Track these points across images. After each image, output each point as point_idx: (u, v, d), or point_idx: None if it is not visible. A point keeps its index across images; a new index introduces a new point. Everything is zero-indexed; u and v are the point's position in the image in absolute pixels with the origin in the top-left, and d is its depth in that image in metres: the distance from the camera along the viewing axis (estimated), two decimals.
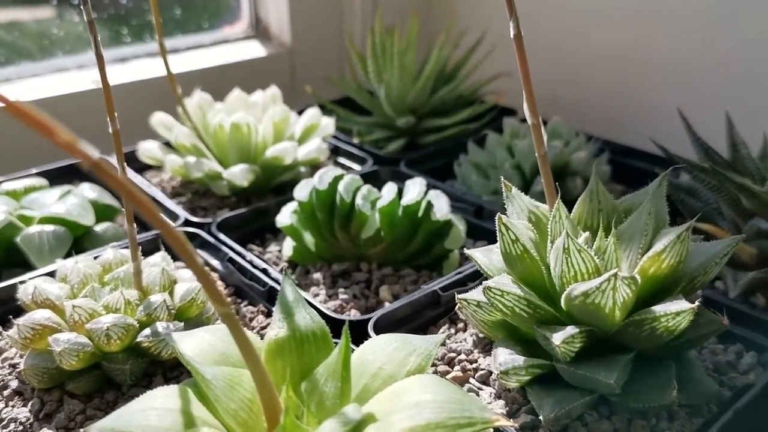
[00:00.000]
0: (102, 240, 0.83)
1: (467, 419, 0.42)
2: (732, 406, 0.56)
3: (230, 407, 0.44)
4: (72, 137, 0.29)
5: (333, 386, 0.46)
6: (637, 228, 0.58)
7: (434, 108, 1.15)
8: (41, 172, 0.96)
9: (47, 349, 0.60)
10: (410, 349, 0.50)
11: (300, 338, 0.49)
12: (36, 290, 0.63)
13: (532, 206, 0.63)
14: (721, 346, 0.67)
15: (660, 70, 1.12)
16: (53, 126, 0.28)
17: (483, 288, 0.57)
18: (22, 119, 0.28)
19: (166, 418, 0.44)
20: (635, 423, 0.57)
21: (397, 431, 0.42)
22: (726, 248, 0.56)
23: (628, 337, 0.55)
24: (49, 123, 0.28)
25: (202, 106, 0.99)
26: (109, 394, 0.62)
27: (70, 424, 0.59)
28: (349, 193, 0.79)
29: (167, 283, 0.66)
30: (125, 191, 0.31)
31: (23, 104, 0.28)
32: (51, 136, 0.28)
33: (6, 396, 0.62)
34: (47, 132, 0.28)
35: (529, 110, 0.58)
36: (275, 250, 0.86)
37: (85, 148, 0.29)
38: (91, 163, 0.29)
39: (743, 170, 0.78)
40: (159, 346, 0.61)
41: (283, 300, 0.51)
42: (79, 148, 0.29)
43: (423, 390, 0.44)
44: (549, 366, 0.57)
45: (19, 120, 0.28)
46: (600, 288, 0.51)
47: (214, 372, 0.44)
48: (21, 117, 0.27)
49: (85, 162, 0.29)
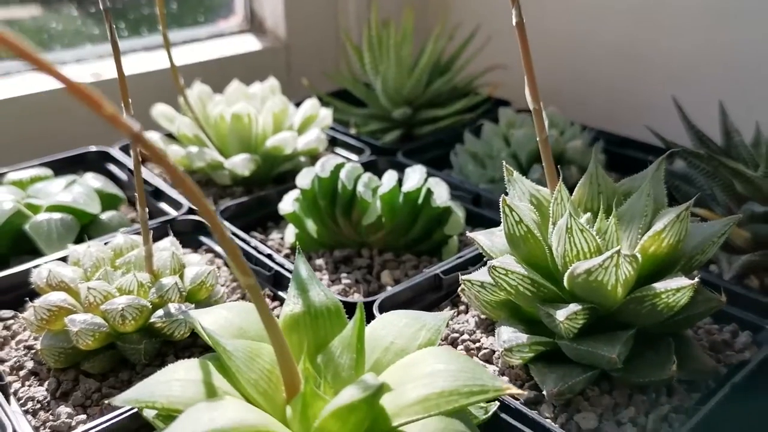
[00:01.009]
0: (108, 228, 0.84)
1: (480, 387, 0.43)
2: (729, 381, 0.58)
3: (251, 377, 0.45)
4: (115, 111, 0.30)
5: (348, 358, 0.47)
6: (636, 209, 0.60)
7: (430, 99, 1.16)
8: (45, 162, 0.97)
9: (63, 329, 0.61)
10: (420, 324, 0.52)
11: (314, 313, 0.51)
12: (51, 273, 0.64)
13: (533, 190, 0.64)
14: (717, 326, 0.69)
15: (656, 64, 1.15)
16: (100, 100, 0.30)
17: (488, 267, 0.59)
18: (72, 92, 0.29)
19: (189, 388, 0.45)
20: (636, 398, 0.59)
21: (412, 399, 0.43)
22: (723, 228, 0.58)
23: (630, 314, 0.57)
24: (97, 97, 0.30)
25: (202, 98, 1.01)
26: (124, 374, 0.63)
27: (87, 402, 0.60)
28: (350, 181, 0.81)
29: (177, 266, 0.67)
30: (162, 161, 0.33)
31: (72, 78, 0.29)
32: (98, 109, 0.29)
33: (22, 376, 0.63)
34: (95, 105, 0.29)
35: (530, 96, 0.60)
36: (277, 238, 0.88)
37: (126, 121, 0.31)
38: (132, 134, 0.31)
39: (737, 157, 0.80)
40: (172, 327, 0.62)
41: (297, 277, 0.52)
42: (121, 120, 0.30)
43: (436, 360, 0.45)
44: (551, 343, 0.59)
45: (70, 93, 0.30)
46: (603, 265, 0.53)
47: (234, 344, 0.46)
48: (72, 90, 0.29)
49: (127, 133, 0.31)
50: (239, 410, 0.41)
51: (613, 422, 0.57)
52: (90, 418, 0.58)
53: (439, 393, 0.43)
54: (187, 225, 0.84)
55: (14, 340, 0.68)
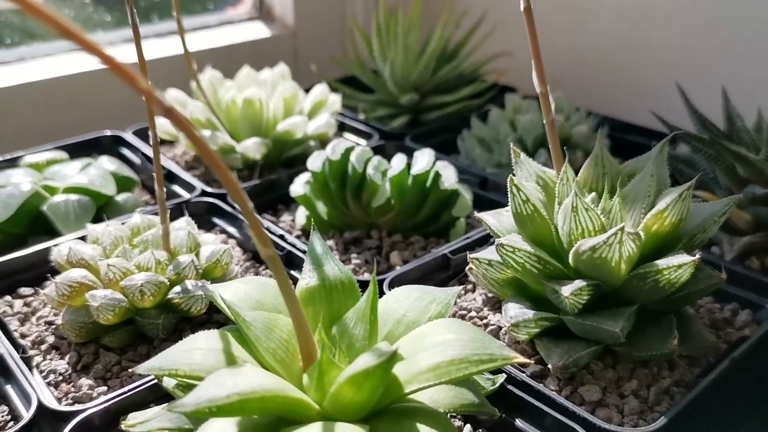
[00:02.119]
0: (123, 209, 0.86)
1: (489, 356, 0.45)
2: (729, 356, 0.60)
3: (269, 346, 0.47)
4: (149, 86, 0.32)
5: (362, 329, 0.49)
6: (640, 189, 0.62)
7: (436, 86, 1.18)
8: (60, 146, 0.99)
9: (84, 305, 0.64)
10: (431, 298, 0.54)
11: (329, 287, 0.52)
12: (71, 251, 0.66)
13: (539, 171, 0.66)
14: (718, 305, 0.71)
15: (657, 51, 1.16)
16: (135, 75, 0.31)
17: (496, 245, 0.61)
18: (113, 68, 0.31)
19: (210, 356, 0.47)
20: (638, 371, 0.61)
21: (424, 367, 0.45)
22: (724, 208, 0.60)
23: (632, 290, 0.59)
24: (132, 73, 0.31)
25: (213, 83, 1.02)
26: (142, 348, 0.65)
27: (107, 375, 0.62)
28: (360, 164, 0.82)
29: (193, 245, 0.69)
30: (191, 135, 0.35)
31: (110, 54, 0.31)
32: (132, 83, 0.31)
33: (44, 350, 0.65)
34: (131, 81, 0.31)
35: (537, 79, 0.62)
36: (288, 220, 0.90)
37: (159, 96, 0.33)
38: (164, 109, 0.33)
39: (739, 141, 0.82)
40: (189, 303, 0.64)
41: (312, 252, 0.54)
42: (155, 95, 0.32)
43: (446, 330, 0.47)
44: (557, 319, 0.61)
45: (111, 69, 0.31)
46: (607, 242, 0.55)
47: (253, 315, 0.48)
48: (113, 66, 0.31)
49: (159, 108, 0.33)
50: (260, 376, 0.43)
51: (616, 395, 0.59)
52: (110, 389, 0.61)
53: (449, 361, 0.45)
54: (201, 207, 0.86)
55: (35, 316, 0.70)
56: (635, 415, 0.56)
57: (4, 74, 1.12)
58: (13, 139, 1.08)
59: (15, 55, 1.18)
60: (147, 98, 0.33)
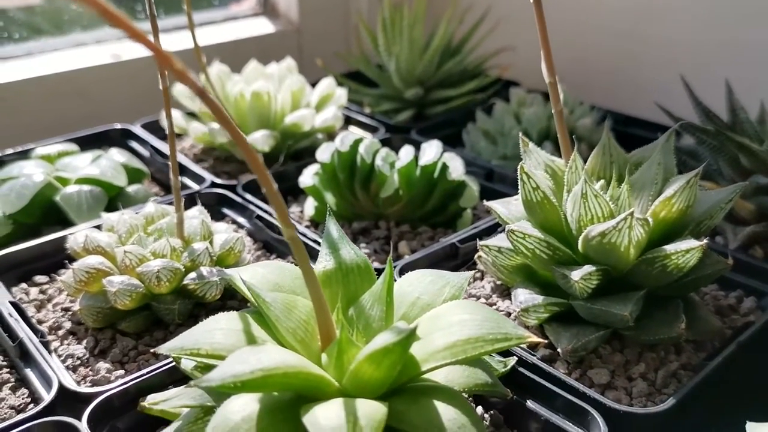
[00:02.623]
0: (134, 200, 0.87)
1: (503, 335, 0.46)
2: (736, 339, 0.61)
3: (289, 326, 0.48)
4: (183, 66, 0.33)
5: (379, 310, 0.51)
6: (647, 177, 0.63)
7: (440, 80, 1.19)
8: (70, 139, 1.00)
9: (101, 291, 0.65)
10: (444, 281, 0.55)
11: (345, 270, 0.54)
12: (88, 238, 0.67)
13: (548, 160, 0.67)
14: (723, 293, 0.72)
15: (660, 47, 1.17)
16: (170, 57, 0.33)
17: (506, 231, 0.62)
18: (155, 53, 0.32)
19: (231, 336, 0.48)
20: (646, 355, 0.62)
21: (441, 346, 0.47)
22: (730, 195, 0.61)
23: (641, 275, 0.60)
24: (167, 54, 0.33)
25: (221, 77, 1.03)
26: (158, 333, 0.66)
27: (124, 359, 0.64)
28: (369, 155, 0.84)
29: (206, 233, 0.70)
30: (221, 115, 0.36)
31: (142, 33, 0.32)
32: (168, 65, 0.32)
33: (61, 335, 0.66)
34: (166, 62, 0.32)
35: (546, 70, 0.63)
36: (297, 211, 0.91)
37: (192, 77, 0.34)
38: (197, 90, 0.34)
39: (742, 133, 0.83)
40: (204, 289, 0.65)
41: (328, 237, 0.55)
42: (188, 76, 0.33)
43: (461, 311, 0.48)
44: (566, 304, 0.62)
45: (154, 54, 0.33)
46: (617, 227, 0.56)
47: (273, 296, 0.49)
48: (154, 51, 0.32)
49: (193, 89, 0.34)
50: (282, 353, 0.44)
51: (624, 378, 0.60)
52: (128, 373, 0.62)
53: (465, 339, 0.46)
54: (211, 198, 0.87)
55: (50, 303, 0.71)
56: (644, 397, 0.58)
57: (13, 68, 1.13)
58: (21, 132, 1.09)
59: (23, 49, 1.19)
60: (180, 79, 0.34)
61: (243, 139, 0.37)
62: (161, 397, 0.52)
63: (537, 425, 0.56)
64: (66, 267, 0.76)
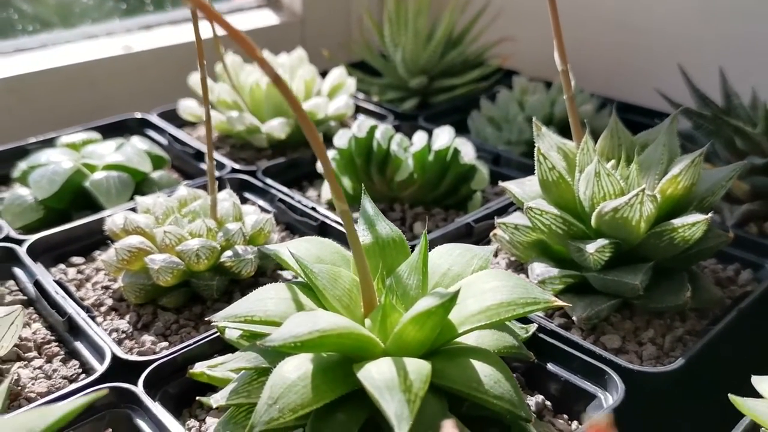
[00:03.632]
0: (158, 185, 0.91)
1: (533, 299, 0.51)
2: (736, 307, 0.66)
3: (336, 294, 0.53)
4: (263, 55, 0.38)
5: (415, 279, 0.55)
6: (654, 158, 0.68)
7: (444, 70, 1.24)
8: (90, 127, 1.03)
9: (142, 268, 0.69)
10: (472, 254, 0.59)
11: (382, 243, 0.58)
12: (127, 220, 0.71)
13: (560, 143, 0.72)
14: (721, 266, 0.77)
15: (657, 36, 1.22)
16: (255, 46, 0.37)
17: (525, 208, 0.67)
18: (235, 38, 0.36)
19: (281, 304, 0.53)
20: (653, 322, 0.67)
21: (475, 310, 0.51)
22: (731, 173, 0.66)
23: (649, 248, 0.65)
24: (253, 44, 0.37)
25: (235, 67, 1.07)
26: (196, 308, 0.71)
27: (167, 332, 0.68)
28: (385, 140, 0.88)
29: (238, 214, 0.74)
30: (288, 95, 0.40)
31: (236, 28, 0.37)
32: (253, 53, 0.36)
33: (104, 312, 0.70)
34: (251, 51, 0.36)
35: (559, 57, 0.68)
36: (313, 195, 0.95)
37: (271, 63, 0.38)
38: (274, 76, 0.38)
39: (736, 117, 0.88)
40: (240, 266, 0.69)
41: (365, 214, 0.60)
42: (268, 63, 0.38)
43: (492, 279, 0.53)
44: (579, 276, 0.67)
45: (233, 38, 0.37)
46: (629, 203, 0.61)
47: (320, 267, 0.53)
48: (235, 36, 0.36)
49: (270, 74, 0.38)
50: (335, 317, 0.48)
51: (634, 342, 0.65)
52: (171, 344, 0.66)
53: (498, 304, 0.50)
54: (233, 183, 0.91)
55: (89, 282, 0.75)
56: (653, 360, 0.63)
57: (28, 60, 1.16)
58: (36, 122, 1.12)
59: (37, 41, 1.22)
60: (261, 65, 0.38)
61: (308, 122, 0.42)
62: (215, 363, 0.56)
63: (557, 386, 0.61)
64: (100, 249, 0.80)
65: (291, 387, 0.47)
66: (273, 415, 0.46)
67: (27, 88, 1.14)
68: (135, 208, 0.78)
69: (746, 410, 0.47)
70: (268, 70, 0.38)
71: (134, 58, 1.25)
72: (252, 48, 0.37)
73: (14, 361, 0.65)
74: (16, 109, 1.13)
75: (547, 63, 0.93)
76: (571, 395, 0.59)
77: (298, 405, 0.46)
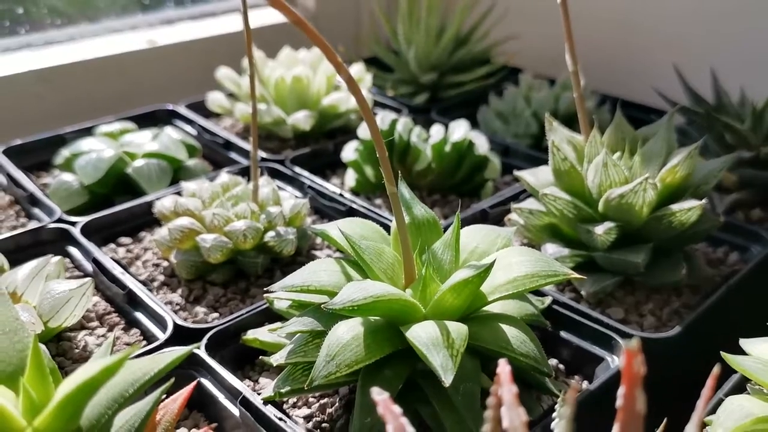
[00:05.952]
0: (193, 173, 0.98)
1: (553, 272, 0.59)
2: (726, 283, 0.75)
3: (381, 267, 0.60)
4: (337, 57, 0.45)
5: (449, 255, 0.62)
6: (654, 150, 0.76)
7: (453, 66, 1.31)
8: (121, 118, 1.10)
9: (193, 246, 0.76)
10: (496, 234, 0.67)
11: (418, 224, 0.65)
12: (177, 203, 0.79)
13: (569, 136, 0.80)
14: (712, 249, 0.86)
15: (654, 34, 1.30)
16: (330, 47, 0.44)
17: (541, 195, 0.74)
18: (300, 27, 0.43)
19: (333, 276, 0.60)
20: (653, 297, 0.75)
21: (503, 281, 0.59)
22: (722, 164, 0.74)
23: (650, 230, 0.73)
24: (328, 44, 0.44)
25: (258, 62, 1.14)
26: (241, 284, 0.78)
27: (216, 305, 0.75)
28: (405, 132, 0.95)
29: (276, 198, 0.82)
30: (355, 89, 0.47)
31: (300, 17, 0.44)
32: (328, 53, 0.44)
33: (156, 287, 0.78)
34: (327, 51, 0.44)
35: (570, 59, 0.75)
36: (337, 183, 1.02)
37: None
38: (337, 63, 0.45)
39: (726, 114, 0.96)
40: (281, 245, 0.77)
41: (402, 197, 0.67)
42: (340, 61, 0.45)
43: (516, 254, 0.61)
44: (587, 256, 0.75)
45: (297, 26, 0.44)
46: (633, 190, 0.69)
47: (366, 243, 0.61)
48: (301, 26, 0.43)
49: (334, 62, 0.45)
50: (384, 286, 0.56)
51: (636, 314, 0.73)
52: (222, 315, 0.73)
53: (524, 275, 0.58)
54: (263, 171, 0.98)
55: (139, 260, 0.82)
56: (653, 329, 0.71)
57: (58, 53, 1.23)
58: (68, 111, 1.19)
59: (65, 35, 1.29)
60: (327, 54, 0.45)
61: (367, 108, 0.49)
62: (275, 327, 0.64)
63: (569, 351, 0.69)
64: (144, 230, 0.87)
65: (346, 346, 0.55)
66: (330, 370, 0.54)
67: (59, 79, 1.21)
68: (179, 193, 0.85)
69: (736, 365, 0.55)
70: (344, 73, 0.45)
71: (158, 52, 1.32)
72: (332, 54, 0.44)
73: (79, 330, 0.72)
74: (49, 99, 1.20)
75: (549, 61, 1.00)
76: (582, 359, 0.67)
77: (353, 361, 0.54)
